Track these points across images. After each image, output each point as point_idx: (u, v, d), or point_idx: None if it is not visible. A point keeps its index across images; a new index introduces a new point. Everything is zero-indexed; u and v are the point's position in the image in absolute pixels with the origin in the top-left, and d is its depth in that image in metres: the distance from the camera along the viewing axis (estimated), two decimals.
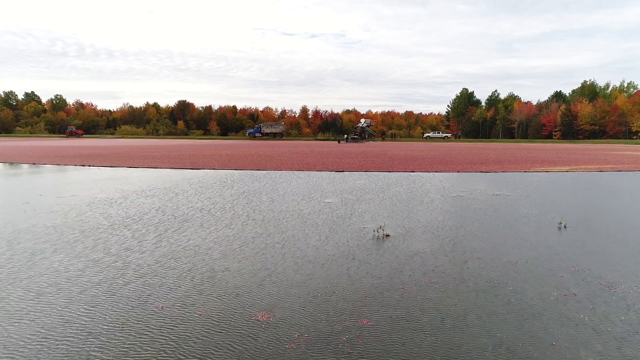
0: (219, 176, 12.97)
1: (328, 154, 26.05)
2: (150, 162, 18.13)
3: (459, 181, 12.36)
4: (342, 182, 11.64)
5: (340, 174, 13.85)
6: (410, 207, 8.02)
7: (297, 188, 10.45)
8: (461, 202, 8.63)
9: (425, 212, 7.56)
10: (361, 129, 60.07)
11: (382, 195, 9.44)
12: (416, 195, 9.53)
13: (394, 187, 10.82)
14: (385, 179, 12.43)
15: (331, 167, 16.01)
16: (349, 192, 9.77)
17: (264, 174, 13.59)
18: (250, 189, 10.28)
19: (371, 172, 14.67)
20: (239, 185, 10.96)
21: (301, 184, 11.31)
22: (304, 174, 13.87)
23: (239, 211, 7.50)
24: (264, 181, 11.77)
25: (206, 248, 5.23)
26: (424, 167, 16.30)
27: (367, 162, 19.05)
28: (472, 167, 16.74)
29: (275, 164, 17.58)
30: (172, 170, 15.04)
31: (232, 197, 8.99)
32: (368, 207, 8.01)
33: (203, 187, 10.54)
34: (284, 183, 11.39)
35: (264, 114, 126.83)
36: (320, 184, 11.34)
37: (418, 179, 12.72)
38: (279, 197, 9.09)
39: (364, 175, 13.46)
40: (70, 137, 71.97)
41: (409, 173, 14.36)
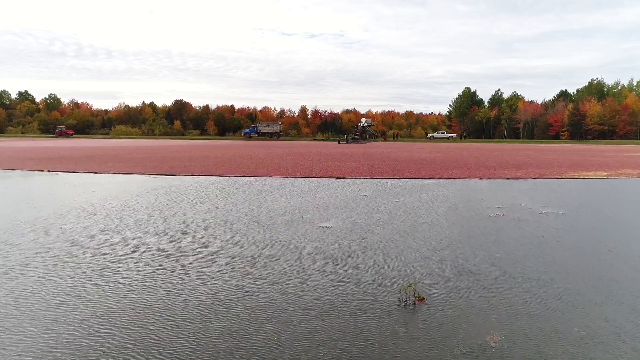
0: (194, 185, 10.67)
1: (327, 156, 23.77)
2: (124, 166, 15.83)
3: (488, 192, 10.06)
4: (344, 194, 9.35)
5: (341, 182, 11.56)
6: (441, 236, 5.72)
7: (287, 203, 8.16)
8: (506, 226, 6.34)
9: (466, 246, 5.27)
10: (362, 128, 57.72)
11: (398, 214, 7.15)
12: (440, 213, 7.24)
13: (409, 199, 8.53)
14: (395, 189, 10.14)
15: (331, 173, 13.72)
16: (354, 210, 7.48)
17: (250, 183, 11.29)
18: (225, 205, 7.99)
19: (377, 178, 12.38)
20: (213, 199, 8.66)
21: (293, 196, 9.01)
22: (299, 181, 11.58)
23: (189, 248, 5.21)
24: (246, 193, 9.47)
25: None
26: (437, 173, 14.01)
27: (372, 165, 16.76)
28: (493, 172, 14.45)
29: (267, 168, 15.29)
30: (143, 176, 12.74)
31: (194, 221, 6.69)
32: (381, 236, 5.72)
33: (166, 201, 8.25)
34: (272, 195, 9.09)
35: (263, 113, 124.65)
36: (317, 196, 9.05)
37: (435, 188, 10.43)
38: (259, 219, 6.79)
39: (370, 183, 11.17)
40: (60, 137, 69.62)
41: (422, 180, 12.07)
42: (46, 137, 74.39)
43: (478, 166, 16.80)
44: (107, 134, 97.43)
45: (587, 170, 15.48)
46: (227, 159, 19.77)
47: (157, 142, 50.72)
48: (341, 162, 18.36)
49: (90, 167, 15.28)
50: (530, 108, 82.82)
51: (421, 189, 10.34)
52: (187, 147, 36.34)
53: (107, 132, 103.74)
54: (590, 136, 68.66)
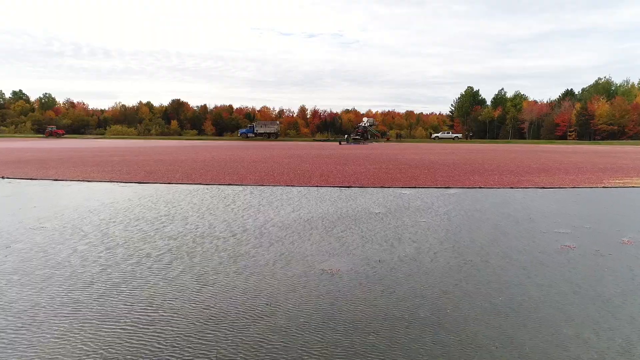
0: (166, 198, 8.61)
1: (328, 158, 21.75)
2: (96, 170, 13.78)
3: (530, 206, 8.00)
4: (351, 210, 7.30)
5: (346, 192, 9.51)
6: (510, 291, 3.65)
7: (276, 229, 6.10)
8: (588, 266, 4.28)
9: (554, 312, 3.19)
10: (363, 128, 55.61)
11: (429, 244, 5.10)
12: (486, 243, 5.19)
13: (436, 219, 6.48)
14: (414, 202, 8.09)
15: (333, 179, 11.67)
16: (367, 238, 5.43)
17: (235, 194, 9.23)
18: (195, 228, 5.94)
19: (389, 187, 10.34)
20: (179, 221, 6.61)
21: (285, 217, 6.96)
22: (295, 191, 9.52)
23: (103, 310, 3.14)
24: (227, 210, 7.42)
25: None
26: (457, 179, 11.97)
27: (379, 170, 14.72)
28: (521, 178, 12.40)
29: (259, 174, 13.24)
30: (110, 184, 10.68)
31: (138, 261, 4.64)
32: (415, 289, 3.65)
33: (119, 222, 6.19)
34: (258, 215, 7.04)
35: (261, 113, 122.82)
36: (317, 214, 7.00)
37: (463, 201, 8.38)
38: (236, 255, 4.74)
39: (381, 195, 9.12)
40: (50, 138, 67.48)
41: (443, 190, 10.02)
42: (37, 137, 72.24)
43: (500, 171, 14.76)
44: (102, 134, 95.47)
45: (629, 176, 13.44)
46: (216, 162, 17.74)
47: (148, 143, 48.79)
48: (344, 166, 16.32)
49: (56, 172, 13.23)
50: (536, 108, 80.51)
51: (446, 202, 8.29)
52: (178, 148, 34.32)
53: (103, 132, 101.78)
54: (599, 136, 66.43)
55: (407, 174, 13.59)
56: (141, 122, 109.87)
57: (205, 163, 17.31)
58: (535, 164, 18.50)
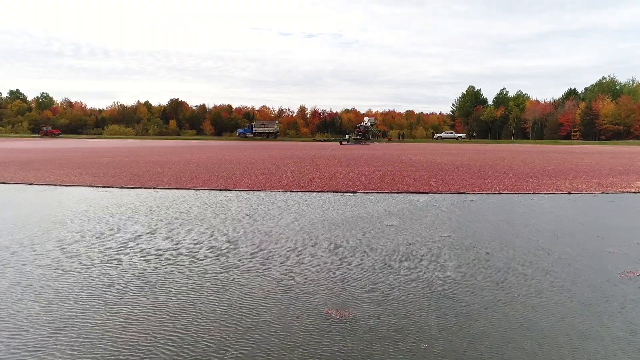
0: (148, 206, 7.60)
1: (329, 159, 20.75)
2: (79, 173, 12.77)
3: (564, 216, 6.99)
4: (360, 223, 6.29)
5: (351, 198, 8.51)
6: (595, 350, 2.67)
7: (272, 246, 5.10)
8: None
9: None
10: (365, 128, 54.55)
11: (462, 273, 4.08)
12: (529, 263, 4.18)
13: (460, 234, 5.48)
14: (430, 211, 7.09)
15: (336, 183, 10.66)
16: (382, 261, 4.43)
17: (227, 201, 8.23)
18: (175, 245, 4.93)
19: (399, 193, 9.33)
20: (158, 236, 5.60)
21: (282, 230, 5.95)
22: (294, 199, 8.52)
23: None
24: (215, 222, 6.41)
25: None
26: (471, 183, 10.96)
27: (384, 172, 13.72)
28: (540, 182, 11.40)
29: (255, 177, 12.24)
30: (90, 189, 9.66)
31: (95, 294, 3.64)
32: (450, 342, 2.64)
33: (89, 237, 5.19)
34: (252, 228, 6.04)
35: (261, 113, 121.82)
36: (318, 228, 5.99)
37: (484, 209, 7.37)
38: (221, 284, 3.73)
39: (392, 202, 8.11)
40: (45, 137, 66.37)
41: (459, 196, 9.02)
42: (32, 137, 71.15)
43: (515, 173, 13.75)
44: (99, 134, 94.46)
45: None
46: (211, 164, 16.73)
47: (145, 143, 47.82)
48: (346, 168, 15.32)
49: (35, 175, 12.22)
50: (539, 107, 79.32)
51: (466, 210, 7.28)
52: (174, 148, 33.32)
53: (100, 132, 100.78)
54: (604, 136, 65.25)
55: (415, 177, 12.58)
56: (139, 122, 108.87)
57: (199, 165, 16.30)
58: (548, 165, 17.50)
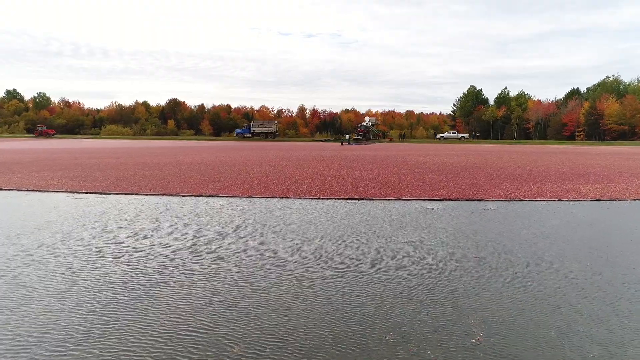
0: (123, 217, 6.58)
1: (329, 160, 19.73)
2: (58, 177, 11.75)
3: (613, 230, 5.96)
4: (368, 237, 5.26)
5: (355, 206, 7.48)
6: None
7: (263, 273, 4.07)
8: None
9: None
10: (365, 128, 53.51)
11: (512, 322, 3.06)
12: (625, 325, 3.16)
13: (496, 259, 4.45)
14: (451, 225, 6.06)
15: (338, 189, 9.63)
16: (403, 301, 3.40)
17: (214, 210, 7.20)
18: (144, 270, 3.90)
19: (409, 200, 8.31)
20: (124, 257, 4.58)
21: (277, 248, 4.93)
22: (292, 206, 7.49)
23: None
24: (197, 237, 5.39)
25: None
26: (486, 188, 9.94)
27: (390, 175, 12.69)
28: (562, 186, 10.38)
29: (249, 181, 11.22)
30: (64, 195, 8.63)
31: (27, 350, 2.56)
32: None
33: (42, 259, 4.15)
34: (237, 246, 5.01)
35: (260, 113, 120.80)
36: (321, 245, 4.96)
37: (516, 221, 6.35)
38: (191, 330, 2.67)
39: (402, 211, 7.09)
40: (40, 137, 65.26)
41: (478, 203, 7.99)
42: (26, 137, 70.02)
43: (530, 177, 12.73)
44: (97, 134, 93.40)
45: None
46: (204, 166, 15.70)
47: (140, 143, 46.81)
48: (348, 170, 14.29)
49: (8, 179, 11.21)
50: (542, 107, 78.19)
51: (490, 221, 6.25)
52: (169, 148, 32.29)
53: (98, 132, 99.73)
54: (609, 136, 64.19)
55: (423, 180, 11.56)
56: (137, 122, 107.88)
57: (191, 167, 15.27)
58: (562, 167, 16.48)
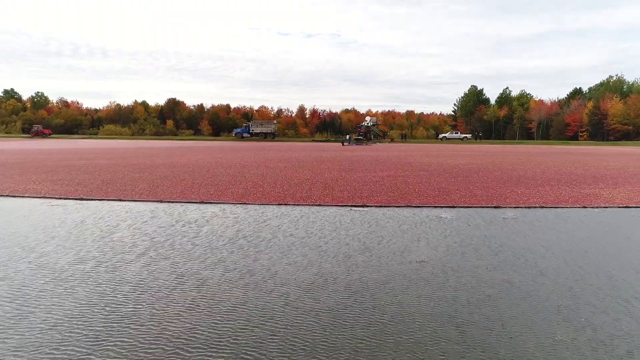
0: (102, 226, 5.80)
1: (330, 162, 18.95)
2: (35, 180, 10.97)
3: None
4: (377, 254, 4.47)
5: (360, 216, 6.70)
6: None
7: (256, 302, 3.28)
8: None
9: None
10: (366, 128, 52.71)
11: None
12: None
13: (539, 287, 3.66)
14: (471, 235, 5.28)
15: (340, 194, 8.85)
16: (432, 345, 2.61)
17: (204, 220, 6.42)
18: (108, 302, 3.11)
19: (418, 207, 7.53)
20: (87, 280, 3.78)
21: (273, 266, 4.13)
22: (290, 214, 6.70)
23: None
24: (183, 250, 4.60)
25: None
26: (499, 192, 9.16)
27: (395, 179, 11.91)
28: (581, 190, 9.59)
29: (244, 185, 10.43)
30: (39, 201, 7.85)
31: None
32: None
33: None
34: (227, 265, 4.23)
35: (259, 113, 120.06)
36: (324, 265, 4.18)
37: (545, 234, 5.56)
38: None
39: (413, 221, 6.31)
40: (36, 137, 64.40)
41: (494, 210, 7.21)
42: (22, 137, 69.17)
43: (544, 180, 11.95)
44: (95, 134, 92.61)
45: None
46: (198, 168, 14.91)
47: (137, 144, 46.05)
48: (350, 173, 13.51)
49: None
50: (544, 107, 77.34)
51: (513, 233, 5.47)
52: (165, 149, 31.49)
53: (96, 132, 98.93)
54: (613, 137, 63.33)
55: (431, 184, 10.78)
56: (135, 122, 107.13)
57: (184, 169, 14.48)
58: (575, 169, 15.70)
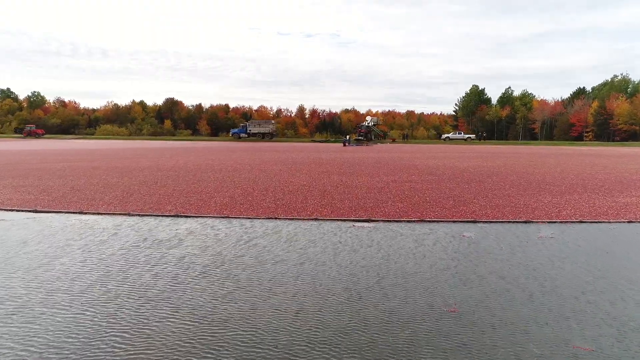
0: (40, 251, 4.55)
1: (329, 164, 17.69)
2: (1, 185, 9.72)
3: None
4: (391, 297, 3.22)
5: (366, 234, 5.45)
6: None
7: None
8: None
9: None
10: (367, 128, 51.41)
11: None
12: None
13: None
14: (509, 268, 4.03)
15: (341, 204, 7.60)
16: None
17: (179, 237, 5.15)
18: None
19: (433, 222, 6.27)
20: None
21: (256, 312, 2.84)
22: (281, 232, 5.45)
23: None
24: (139, 283, 3.31)
25: None
26: (524, 203, 7.93)
27: (402, 184, 10.66)
28: (616, 200, 8.35)
29: (231, 192, 9.18)
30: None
31: None
32: None
33: None
34: (198, 310, 2.93)
35: (259, 112, 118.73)
36: (323, 311, 2.91)
37: (592, 255, 4.31)
38: None
39: (431, 241, 5.06)
40: (28, 138, 63.11)
41: (526, 226, 5.96)
42: (14, 137, 67.83)
43: (569, 186, 10.70)
44: (91, 134, 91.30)
45: None
46: (184, 172, 13.65)
47: (131, 144, 44.78)
48: (351, 177, 12.25)
49: None
50: (548, 107, 76.04)
51: (569, 265, 4.22)
52: (156, 150, 30.23)
53: (93, 132, 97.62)
54: (619, 137, 62.09)
55: (442, 191, 9.53)
56: (133, 122, 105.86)
57: (169, 173, 13.23)
58: (596, 173, 14.45)
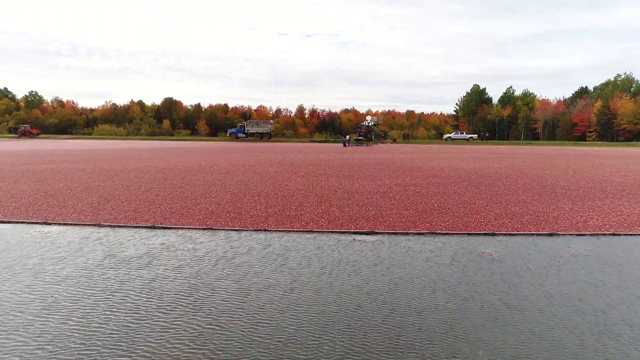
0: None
1: (328, 166, 16.88)
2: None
3: None
4: (404, 334, 2.42)
5: (369, 249, 4.64)
6: None
7: None
8: None
9: None
10: (367, 128, 50.55)
11: None
12: None
13: None
14: (542, 300, 3.23)
15: (339, 212, 6.79)
16: None
17: (151, 254, 4.33)
18: None
19: (445, 235, 5.47)
20: None
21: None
22: (271, 247, 4.63)
23: None
24: (90, 322, 2.47)
25: None
26: (542, 211, 7.12)
27: (406, 188, 9.84)
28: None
29: (220, 197, 8.37)
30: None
31: None
32: None
33: None
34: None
35: (258, 112, 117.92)
36: (318, 353, 2.11)
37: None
38: None
39: (444, 258, 4.25)
40: (23, 138, 62.27)
41: (551, 239, 5.16)
42: (9, 137, 66.94)
43: (587, 190, 9.89)
44: (89, 134, 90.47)
45: None
46: (173, 175, 12.84)
47: (126, 144, 43.95)
48: (351, 181, 11.44)
49: None
50: (550, 107, 75.21)
51: (611, 290, 3.41)
52: (150, 151, 29.40)
53: (90, 131, 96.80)
54: (622, 137, 61.28)
55: (451, 196, 8.72)
56: (131, 122, 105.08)
57: (157, 175, 12.42)
58: (611, 175, 13.64)
